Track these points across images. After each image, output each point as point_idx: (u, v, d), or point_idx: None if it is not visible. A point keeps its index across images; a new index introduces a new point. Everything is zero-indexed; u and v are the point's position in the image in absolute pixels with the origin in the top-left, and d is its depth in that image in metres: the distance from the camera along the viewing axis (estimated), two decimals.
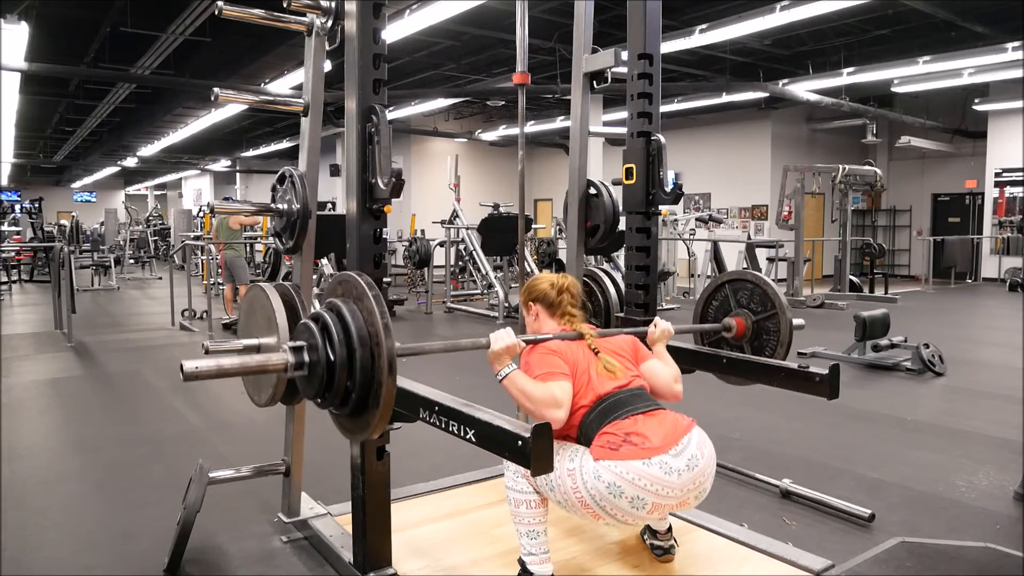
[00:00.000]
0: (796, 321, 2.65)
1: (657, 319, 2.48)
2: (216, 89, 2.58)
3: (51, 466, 3.59)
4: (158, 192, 30.47)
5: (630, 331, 2.43)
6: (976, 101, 12.70)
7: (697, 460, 1.97)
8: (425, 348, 2.09)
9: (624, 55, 2.86)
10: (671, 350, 2.45)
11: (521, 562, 2.09)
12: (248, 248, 9.81)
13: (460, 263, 11.79)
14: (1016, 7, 8.14)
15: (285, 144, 17.04)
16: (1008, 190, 13.07)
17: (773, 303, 2.67)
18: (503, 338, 2.04)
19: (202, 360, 1.67)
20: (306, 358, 1.79)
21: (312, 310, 1.89)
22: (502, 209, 10.81)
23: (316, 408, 2.87)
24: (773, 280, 2.74)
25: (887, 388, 5.11)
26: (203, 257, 10.84)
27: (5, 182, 23.54)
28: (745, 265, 10.06)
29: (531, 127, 14.22)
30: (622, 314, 3.02)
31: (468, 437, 1.74)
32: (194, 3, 7.18)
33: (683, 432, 2.00)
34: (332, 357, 1.74)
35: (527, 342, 2.14)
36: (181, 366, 1.62)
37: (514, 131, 14.26)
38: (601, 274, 3.16)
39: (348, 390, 1.75)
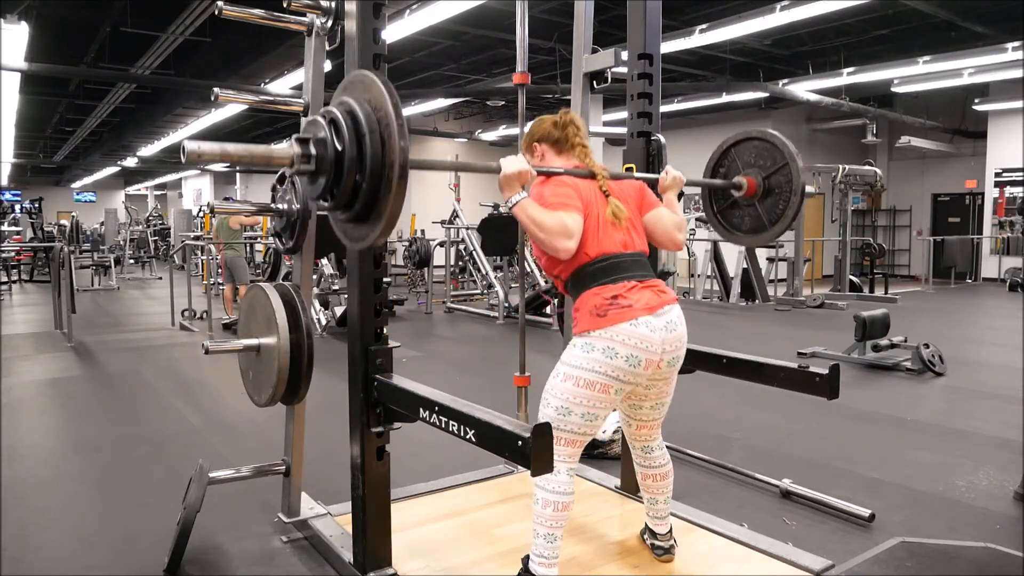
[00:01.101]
0: (808, 188, 2.60)
1: (669, 167, 2.43)
2: (216, 89, 2.58)
3: (51, 466, 3.59)
4: (158, 192, 30.46)
5: (641, 177, 2.37)
6: (976, 101, 12.71)
7: (675, 326, 2.04)
8: (436, 164, 2.03)
9: (624, 55, 2.86)
10: None
11: (525, 561, 2.09)
12: (248, 248, 9.81)
13: (460, 263, 11.80)
14: (1016, 7, 8.14)
15: (285, 144, 17.02)
16: (1008, 190, 13.07)
17: (783, 154, 2.60)
18: (515, 162, 1.99)
19: (206, 143, 1.59)
20: (313, 151, 1.71)
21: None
22: (502, 209, 10.81)
23: (316, 408, 2.87)
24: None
25: (887, 388, 5.11)
26: (203, 257, 10.85)
27: (5, 182, 23.54)
28: (745, 265, 10.07)
29: None
30: None
31: (468, 437, 1.74)
32: (194, 3, 7.18)
33: (666, 302, 2.05)
34: (339, 148, 1.66)
35: (539, 172, 2.11)
36: (183, 146, 1.54)
37: (514, 131, 14.26)
38: None
39: (356, 185, 1.66)
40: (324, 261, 8.07)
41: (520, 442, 1.58)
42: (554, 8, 8.01)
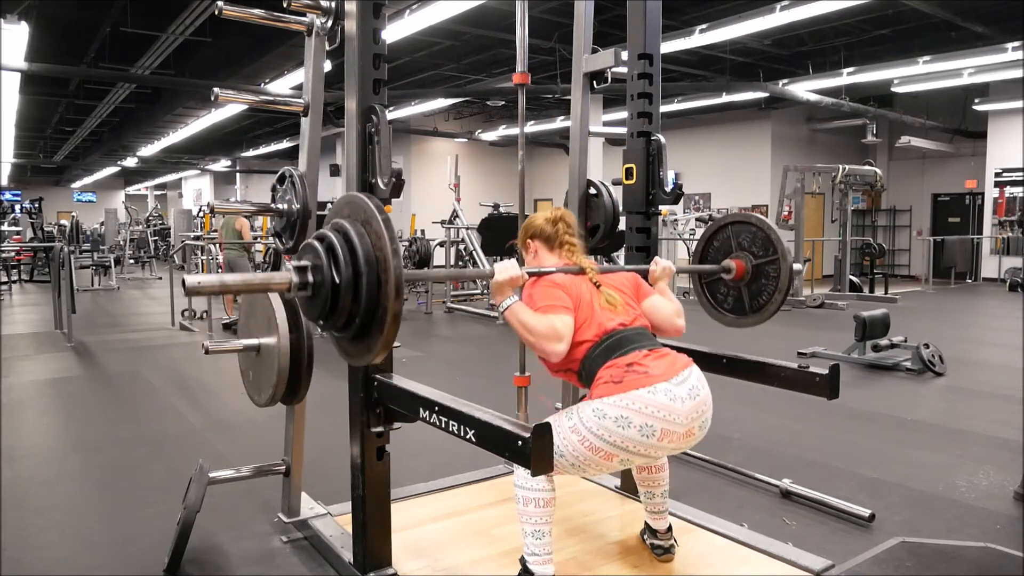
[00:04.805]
0: (796, 266, 2.64)
1: (657, 257, 2.48)
2: (216, 89, 2.58)
3: (51, 466, 3.59)
4: (158, 192, 30.48)
5: (632, 268, 2.42)
6: (976, 101, 12.70)
7: (699, 391, 2.01)
8: (431, 275, 2.09)
9: (624, 55, 2.86)
10: None
11: (522, 561, 2.09)
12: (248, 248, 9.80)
13: (460, 263, 11.78)
14: (1016, 7, 8.14)
15: (285, 144, 17.04)
16: (1008, 190, 13.07)
17: (775, 248, 2.64)
18: (507, 269, 2.04)
19: (204, 276, 1.63)
20: (310, 278, 1.74)
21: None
22: (502, 209, 10.81)
23: (316, 408, 2.88)
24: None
25: (887, 388, 5.11)
26: (203, 257, 10.84)
27: (5, 182, 23.53)
28: None
29: (531, 127, 14.22)
30: None
31: (468, 437, 1.74)
32: (194, 3, 7.18)
33: (683, 366, 2.03)
34: (337, 279, 1.70)
35: (530, 274, 2.14)
36: (183, 281, 1.58)
37: (514, 131, 14.26)
38: None
39: (352, 314, 1.71)
40: None
41: (520, 442, 1.58)
42: (554, 8, 8.01)
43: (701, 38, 8.26)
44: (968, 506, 2.99)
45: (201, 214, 17.27)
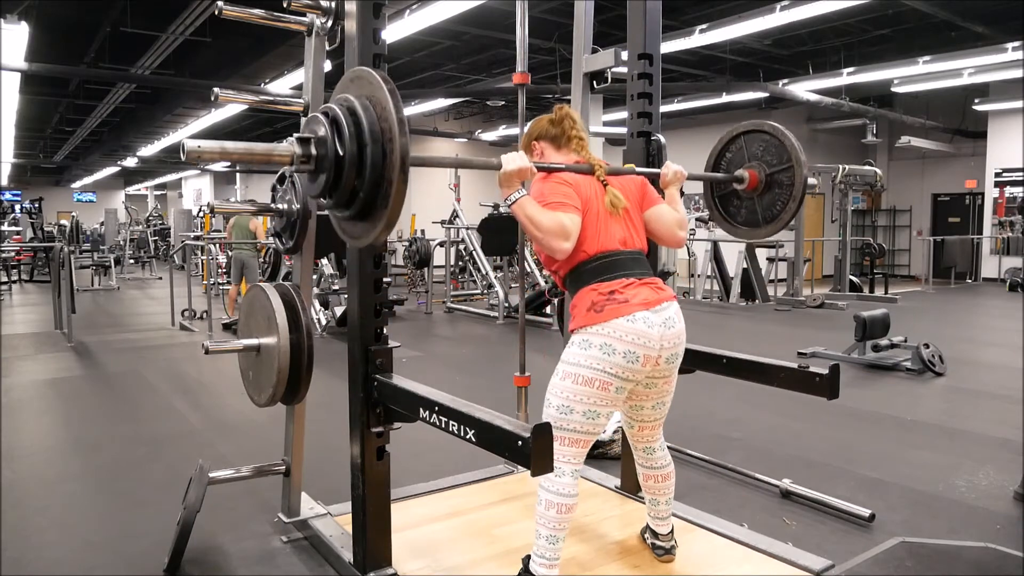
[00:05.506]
0: (811, 180, 2.61)
1: (669, 162, 2.43)
2: (216, 89, 2.58)
3: (51, 466, 3.59)
4: (158, 192, 30.47)
5: (643, 172, 2.36)
6: (976, 101, 12.70)
7: (674, 322, 2.04)
8: (436, 160, 2.00)
9: (624, 55, 2.86)
10: None
11: (525, 561, 2.08)
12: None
13: (460, 263, 11.79)
14: (1016, 7, 8.14)
15: (286, 143, 17.02)
16: (1008, 190, 13.07)
17: (789, 155, 2.60)
18: (515, 159, 1.98)
19: (205, 141, 1.60)
20: (313, 151, 1.71)
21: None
22: (502, 209, 10.81)
23: (316, 408, 2.87)
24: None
25: (887, 388, 5.11)
26: (203, 257, 10.84)
27: (5, 182, 23.54)
28: (745, 265, 10.06)
29: None
30: None
31: (468, 437, 1.74)
32: (194, 3, 7.18)
33: (665, 298, 2.05)
34: (341, 152, 1.66)
35: (539, 168, 2.09)
36: (183, 144, 1.55)
37: (514, 131, 14.25)
38: None
39: (356, 189, 1.67)
40: (324, 261, 8.08)
41: (520, 442, 1.58)
42: (554, 8, 8.01)
43: (701, 38, 8.26)
44: (968, 506, 2.99)
45: (201, 214, 17.27)
